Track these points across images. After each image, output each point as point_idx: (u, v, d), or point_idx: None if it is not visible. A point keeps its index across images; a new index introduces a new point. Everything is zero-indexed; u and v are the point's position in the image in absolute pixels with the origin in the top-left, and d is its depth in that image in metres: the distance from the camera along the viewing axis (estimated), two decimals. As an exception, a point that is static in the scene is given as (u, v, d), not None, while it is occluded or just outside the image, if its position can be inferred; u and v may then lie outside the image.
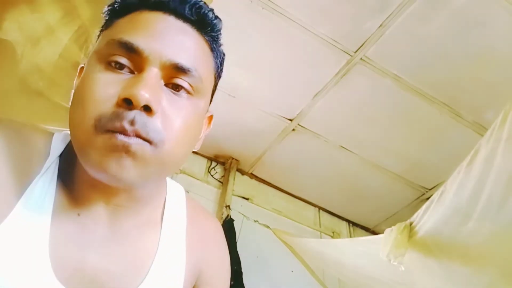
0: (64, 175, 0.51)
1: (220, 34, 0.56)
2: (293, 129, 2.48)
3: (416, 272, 1.60)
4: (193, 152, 3.07)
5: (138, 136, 0.43)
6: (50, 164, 0.50)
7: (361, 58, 1.99)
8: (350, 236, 3.04)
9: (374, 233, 3.10)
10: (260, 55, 2.08)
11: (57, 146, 0.53)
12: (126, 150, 0.43)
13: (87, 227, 0.50)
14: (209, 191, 2.67)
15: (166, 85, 0.48)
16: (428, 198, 1.51)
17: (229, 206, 2.54)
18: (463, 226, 1.37)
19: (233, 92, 2.30)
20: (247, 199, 2.78)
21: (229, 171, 2.77)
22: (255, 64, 2.13)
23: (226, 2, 1.77)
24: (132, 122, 0.43)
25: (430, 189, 2.67)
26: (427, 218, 1.45)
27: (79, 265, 0.48)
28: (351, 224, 3.18)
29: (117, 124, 0.43)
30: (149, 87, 0.44)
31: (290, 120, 2.42)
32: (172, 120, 0.47)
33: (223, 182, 2.75)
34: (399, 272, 1.54)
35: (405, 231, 1.47)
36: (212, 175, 2.78)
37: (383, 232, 1.59)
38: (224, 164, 2.87)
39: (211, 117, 0.62)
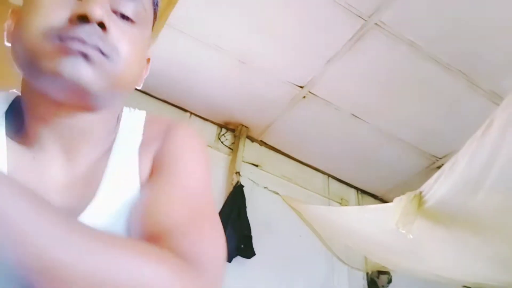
0: (13, 129, 0.52)
1: None
2: (304, 96, 2.45)
3: (424, 241, 1.62)
4: (203, 118, 3.07)
5: (95, 47, 0.45)
6: None
7: (375, 23, 1.92)
8: (359, 203, 3.08)
9: (382, 200, 3.13)
10: (272, 20, 2.02)
11: (1, 105, 0.53)
12: (83, 54, 0.44)
13: (44, 168, 0.51)
14: (219, 157, 2.69)
15: (113, 12, 0.49)
16: (439, 167, 1.50)
17: (239, 172, 2.57)
18: (474, 197, 1.37)
19: (243, 58, 2.26)
20: (256, 165, 2.81)
21: (239, 138, 2.78)
22: (267, 30, 2.08)
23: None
24: (89, 34, 0.44)
25: (441, 158, 2.65)
26: (437, 188, 1.44)
27: None
28: (359, 192, 3.21)
29: (74, 33, 0.44)
30: (101, 5, 0.46)
31: (301, 87, 2.39)
32: (121, 40, 0.48)
33: (233, 149, 2.76)
34: (407, 240, 1.56)
35: (414, 200, 1.48)
36: (222, 142, 2.79)
37: (391, 200, 1.59)
38: (234, 131, 2.87)
39: (149, 60, 0.61)
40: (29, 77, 0.48)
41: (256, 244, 2.27)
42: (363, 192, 3.22)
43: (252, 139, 2.92)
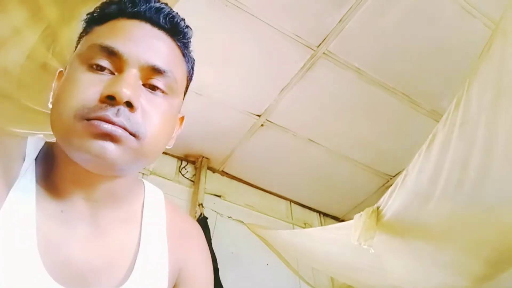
0: (43, 176, 0.53)
1: (191, 41, 0.61)
2: (262, 125, 2.52)
3: (385, 254, 1.68)
4: (163, 153, 3.05)
5: (122, 128, 0.47)
6: (27, 167, 0.52)
7: (324, 53, 2.06)
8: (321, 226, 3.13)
9: (343, 222, 3.20)
10: (225, 52, 2.10)
11: (32, 150, 0.54)
12: (110, 137, 0.47)
13: (71, 223, 0.52)
14: (181, 190, 2.67)
15: (144, 85, 0.52)
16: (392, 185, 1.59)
17: (201, 204, 2.55)
18: (425, 207, 1.46)
19: (200, 90, 2.31)
20: (219, 196, 2.80)
21: (200, 170, 2.78)
22: (221, 62, 2.15)
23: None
24: (117, 114, 0.47)
25: (393, 176, 2.79)
26: (392, 202, 1.52)
27: (66, 259, 0.50)
28: (321, 215, 3.27)
29: (101, 114, 0.47)
30: (130, 85, 0.48)
31: (258, 115, 2.46)
32: (151, 116, 0.51)
33: (195, 181, 2.75)
34: (369, 255, 1.61)
35: (373, 215, 1.55)
36: (183, 175, 2.78)
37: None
38: (194, 163, 2.87)
39: (182, 118, 0.66)
40: (63, 147, 0.50)
41: (223, 276, 2.23)
42: (325, 215, 3.29)
43: (213, 170, 2.92)
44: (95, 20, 0.56)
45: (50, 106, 0.53)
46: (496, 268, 1.55)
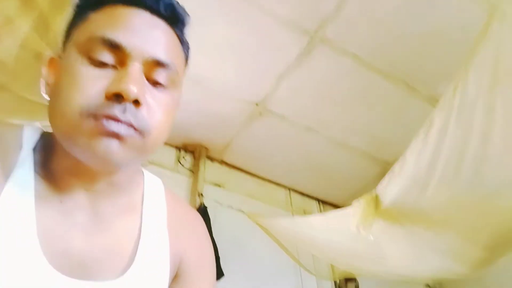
0: (41, 166, 0.52)
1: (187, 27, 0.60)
2: (260, 113, 2.51)
3: (384, 242, 1.69)
4: (161, 142, 3.06)
5: (129, 125, 0.47)
6: (25, 157, 0.51)
7: (321, 39, 2.04)
8: (321, 214, 3.14)
9: (343, 209, 3.22)
10: (222, 40, 2.08)
11: (29, 139, 0.54)
12: (117, 136, 0.46)
13: (70, 213, 0.52)
14: (180, 180, 2.67)
15: (147, 79, 0.51)
16: (391, 172, 1.59)
17: (201, 194, 2.56)
18: (423, 193, 1.46)
19: (197, 79, 2.30)
20: (219, 185, 2.81)
21: (199, 159, 2.78)
22: (218, 50, 2.13)
23: (185, -12, 1.76)
24: (124, 111, 0.46)
25: (392, 163, 2.79)
26: (390, 188, 1.53)
27: (66, 249, 0.50)
28: (321, 203, 3.28)
29: (109, 112, 0.46)
30: (136, 82, 0.48)
31: (256, 104, 2.45)
32: (155, 111, 0.51)
33: (194, 171, 2.75)
34: (369, 243, 1.63)
35: (371, 202, 1.55)
36: (182, 165, 2.78)
37: (351, 208, 1.66)
38: (193, 152, 2.87)
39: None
40: (63, 143, 0.49)
41: (224, 264, 2.24)
42: (324, 202, 3.30)
43: (212, 159, 2.92)
44: (89, 4, 0.54)
45: (44, 96, 0.52)
46: (494, 253, 1.56)
